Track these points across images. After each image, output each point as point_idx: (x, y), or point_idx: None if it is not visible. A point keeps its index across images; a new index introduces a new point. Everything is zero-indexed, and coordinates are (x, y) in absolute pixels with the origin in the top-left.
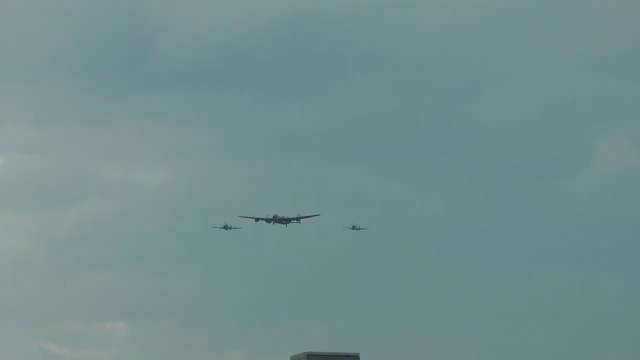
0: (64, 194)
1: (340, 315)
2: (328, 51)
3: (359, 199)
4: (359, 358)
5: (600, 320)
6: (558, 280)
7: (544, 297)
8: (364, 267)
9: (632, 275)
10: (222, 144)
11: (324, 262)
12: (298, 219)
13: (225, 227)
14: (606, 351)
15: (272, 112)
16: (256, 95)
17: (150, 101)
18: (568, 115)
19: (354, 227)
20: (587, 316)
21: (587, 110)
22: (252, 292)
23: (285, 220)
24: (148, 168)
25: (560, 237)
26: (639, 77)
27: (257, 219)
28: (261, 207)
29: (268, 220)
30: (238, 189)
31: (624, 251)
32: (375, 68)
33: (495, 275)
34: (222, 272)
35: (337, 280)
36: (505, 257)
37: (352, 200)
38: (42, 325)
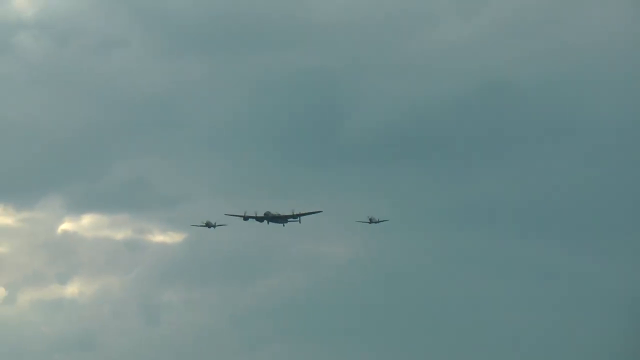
0: (250, 267)
1: None
2: (516, 121)
3: (544, 273)
4: None
5: None
6: None
7: None
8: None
9: None
10: (410, 216)
11: None
12: (296, 216)
13: (208, 225)
14: None
15: (461, 182)
16: (445, 165)
17: (339, 173)
18: None
19: (371, 221)
20: None
21: None
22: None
23: (282, 219)
24: (336, 241)
25: None
26: None
27: (245, 217)
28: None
29: (259, 219)
30: (425, 259)
31: None
32: (563, 138)
33: None
34: (405, 343)
35: None
36: None
37: (536, 275)
38: None
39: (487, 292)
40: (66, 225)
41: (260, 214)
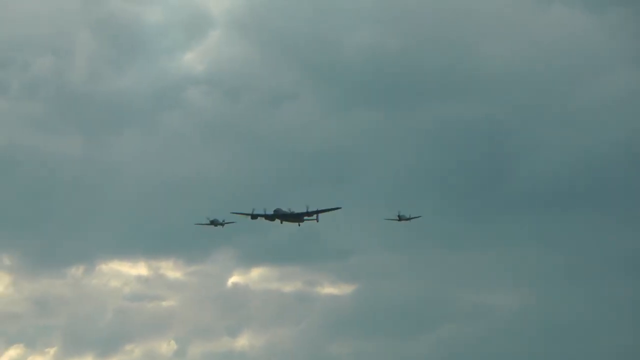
0: (420, 319)
1: None
2: None
3: None
4: None
5: None
6: None
7: None
8: None
9: None
10: (578, 267)
11: None
12: (312, 213)
13: (214, 224)
14: None
15: (630, 232)
16: (615, 215)
17: (503, 224)
18: None
19: (400, 218)
20: None
21: None
22: None
23: (295, 217)
24: (504, 293)
25: None
26: None
27: (253, 216)
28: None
29: (269, 217)
30: (594, 309)
31: None
32: None
33: None
34: None
35: None
36: None
37: None
38: None
39: None
40: (236, 278)
41: (270, 211)
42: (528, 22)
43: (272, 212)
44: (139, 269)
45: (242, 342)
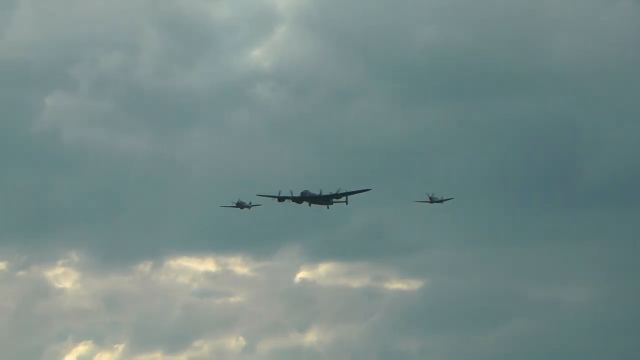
0: (487, 314)
1: None
2: None
3: None
4: None
5: None
6: None
7: None
8: None
9: None
10: None
11: None
12: (340, 195)
13: (240, 206)
14: None
15: None
16: None
17: (572, 219)
18: None
19: (432, 200)
20: None
21: None
22: None
23: (324, 199)
24: (573, 287)
25: None
26: None
27: (280, 198)
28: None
29: (297, 200)
30: None
31: None
32: None
33: None
34: None
35: None
36: None
37: None
38: None
39: None
40: (303, 274)
41: (297, 193)
42: (596, 16)
43: (299, 195)
44: (207, 265)
45: (311, 337)
